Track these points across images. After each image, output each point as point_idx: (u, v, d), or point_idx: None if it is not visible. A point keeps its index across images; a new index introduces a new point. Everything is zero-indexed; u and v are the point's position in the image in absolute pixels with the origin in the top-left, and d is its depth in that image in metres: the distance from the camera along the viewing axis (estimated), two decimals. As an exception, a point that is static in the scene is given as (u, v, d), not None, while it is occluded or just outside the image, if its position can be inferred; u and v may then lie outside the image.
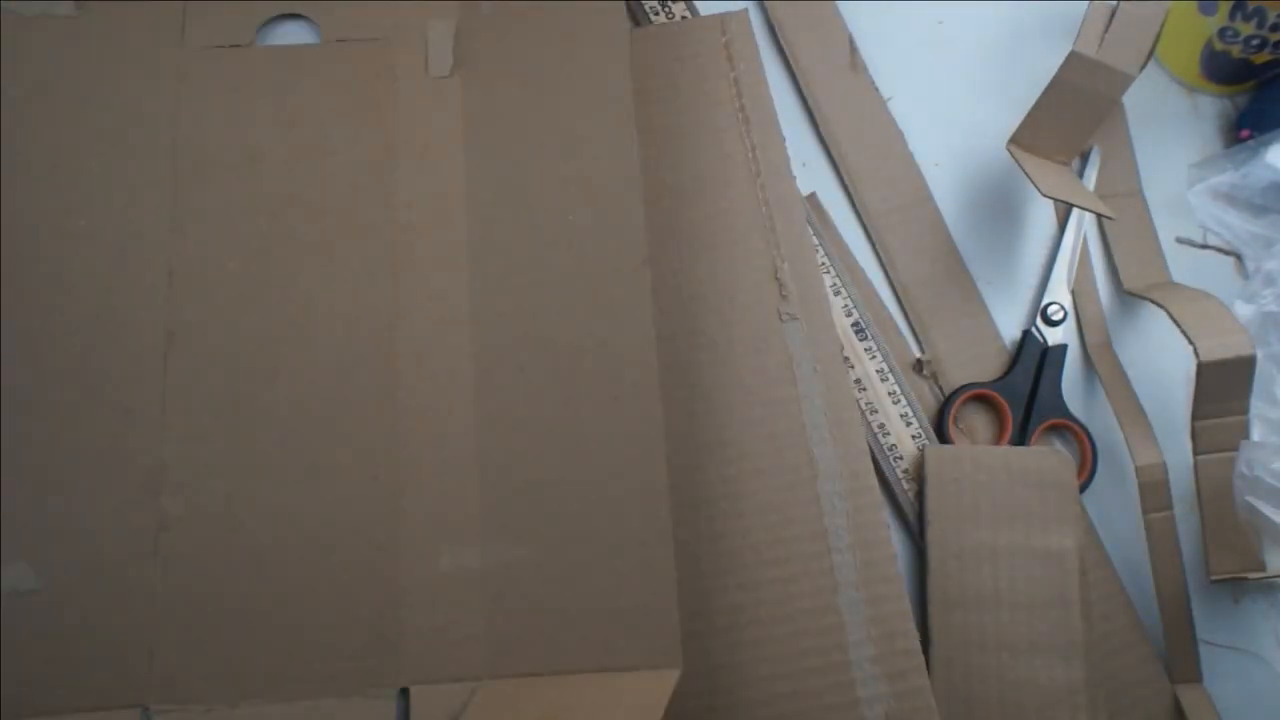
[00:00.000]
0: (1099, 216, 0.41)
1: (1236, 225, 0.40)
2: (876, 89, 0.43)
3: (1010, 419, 0.39)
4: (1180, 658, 0.37)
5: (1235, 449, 0.35)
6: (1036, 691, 0.36)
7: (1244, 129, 0.42)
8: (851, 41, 0.43)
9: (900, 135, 0.42)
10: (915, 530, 0.38)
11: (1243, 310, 0.37)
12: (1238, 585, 0.38)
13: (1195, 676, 0.37)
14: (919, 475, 0.38)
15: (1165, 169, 0.42)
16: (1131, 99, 0.41)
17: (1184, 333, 0.35)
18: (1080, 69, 0.36)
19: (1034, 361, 0.40)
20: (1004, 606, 0.36)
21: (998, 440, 0.39)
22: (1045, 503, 0.37)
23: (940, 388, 0.40)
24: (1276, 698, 0.38)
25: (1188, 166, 0.42)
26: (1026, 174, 0.37)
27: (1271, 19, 0.39)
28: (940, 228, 0.42)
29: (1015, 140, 0.38)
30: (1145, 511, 0.38)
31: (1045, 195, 0.36)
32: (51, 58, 0.39)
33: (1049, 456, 0.38)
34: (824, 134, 0.42)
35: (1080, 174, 0.42)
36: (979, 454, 0.38)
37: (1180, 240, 0.42)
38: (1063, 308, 0.40)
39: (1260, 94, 0.42)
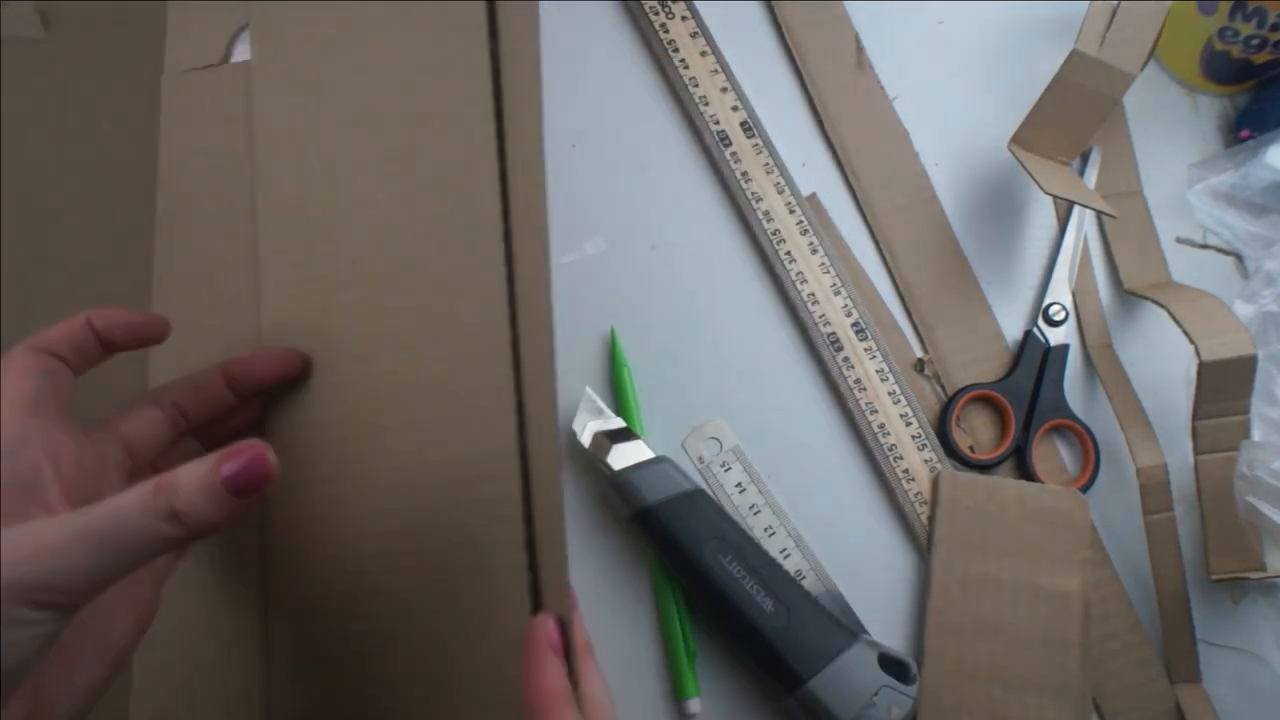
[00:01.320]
0: (1099, 216, 0.42)
1: (1236, 225, 0.40)
2: (882, 88, 0.43)
3: (1013, 420, 0.39)
4: (1180, 658, 0.37)
5: (1236, 449, 0.35)
6: (1024, 731, 0.35)
7: (1244, 129, 0.42)
8: (858, 40, 0.43)
9: (905, 134, 0.42)
10: (923, 547, 0.38)
11: (1243, 310, 0.37)
12: (1238, 585, 0.38)
13: (1194, 676, 0.37)
14: (932, 498, 0.38)
15: (1165, 169, 0.42)
16: (1131, 99, 0.41)
17: (1185, 332, 0.35)
18: (1081, 68, 0.36)
19: (1036, 362, 0.40)
20: (1002, 640, 0.36)
21: (1001, 441, 0.39)
22: (1055, 542, 0.37)
23: (942, 387, 0.40)
24: (1276, 698, 0.38)
25: (1188, 166, 0.42)
26: (1029, 172, 0.36)
27: (1271, 19, 0.39)
28: (945, 227, 0.42)
29: (1016, 139, 0.38)
30: (1146, 513, 0.38)
31: (1047, 193, 0.36)
32: None
33: (1065, 497, 0.37)
34: (830, 133, 0.42)
35: (1080, 174, 0.42)
36: (993, 484, 0.38)
37: (1180, 240, 0.42)
38: (1064, 308, 0.40)
39: (1260, 94, 0.42)
